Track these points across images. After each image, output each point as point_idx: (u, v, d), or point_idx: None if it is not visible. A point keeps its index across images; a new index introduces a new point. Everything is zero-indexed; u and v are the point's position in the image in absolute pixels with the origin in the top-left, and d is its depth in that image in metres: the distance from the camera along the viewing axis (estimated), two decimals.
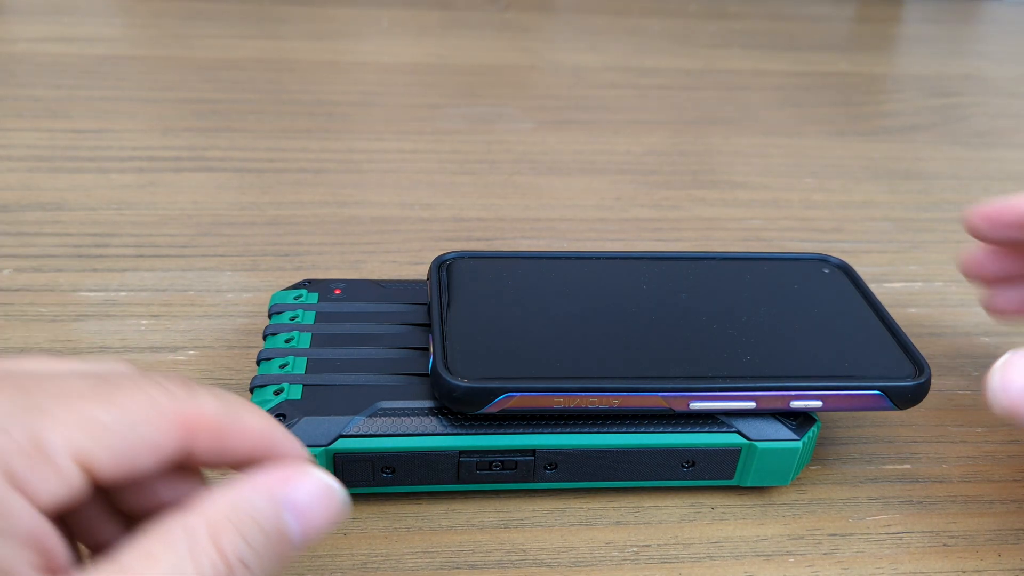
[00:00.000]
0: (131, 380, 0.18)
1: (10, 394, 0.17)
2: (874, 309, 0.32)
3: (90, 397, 0.17)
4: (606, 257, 0.34)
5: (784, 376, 0.28)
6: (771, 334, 0.30)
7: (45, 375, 0.18)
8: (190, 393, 0.19)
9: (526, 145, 0.53)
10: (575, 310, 0.30)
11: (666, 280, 0.32)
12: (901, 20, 0.86)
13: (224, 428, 0.19)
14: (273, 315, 0.32)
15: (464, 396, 0.26)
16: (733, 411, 0.28)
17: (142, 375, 0.19)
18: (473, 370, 0.27)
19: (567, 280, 0.32)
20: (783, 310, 0.31)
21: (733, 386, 0.27)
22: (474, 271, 0.32)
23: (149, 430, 0.18)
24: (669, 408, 0.27)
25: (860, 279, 0.33)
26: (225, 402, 0.19)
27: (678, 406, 0.27)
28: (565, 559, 0.28)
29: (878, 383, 0.28)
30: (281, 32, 0.68)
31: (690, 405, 0.27)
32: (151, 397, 0.18)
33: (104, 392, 0.17)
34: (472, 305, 0.30)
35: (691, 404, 0.27)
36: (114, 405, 0.17)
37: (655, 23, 0.77)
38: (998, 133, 0.61)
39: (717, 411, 0.28)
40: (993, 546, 0.29)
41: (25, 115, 0.52)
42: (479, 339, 0.28)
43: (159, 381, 0.18)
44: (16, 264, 0.39)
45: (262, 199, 0.45)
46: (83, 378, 0.18)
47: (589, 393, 0.27)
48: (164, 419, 0.18)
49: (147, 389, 0.18)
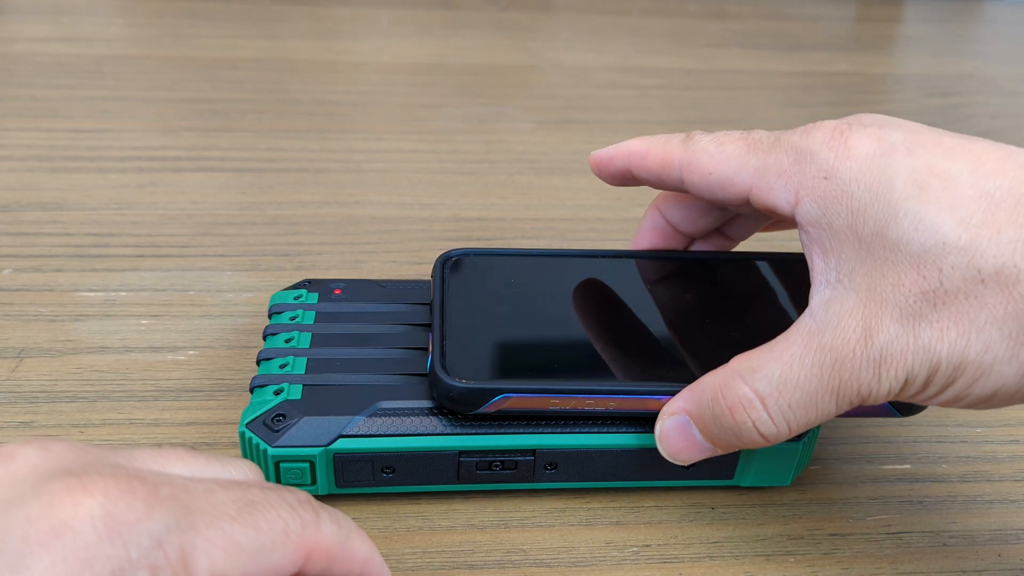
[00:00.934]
0: (268, 500, 0.19)
1: (170, 507, 0.18)
2: None
3: (235, 518, 0.18)
4: (615, 255, 0.33)
5: None
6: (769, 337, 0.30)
7: (199, 489, 0.19)
8: (315, 518, 0.20)
9: (526, 145, 0.53)
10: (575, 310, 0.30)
11: (668, 279, 0.32)
12: (901, 20, 0.86)
13: (336, 555, 0.20)
14: (273, 315, 0.32)
15: (461, 396, 0.26)
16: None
17: (275, 492, 0.20)
18: (471, 370, 0.27)
19: (573, 279, 0.32)
20: (787, 311, 0.31)
21: None
22: (479, 269, 0.32)
23: (277, 556, 0.19)
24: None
25: None
26: (341, 528, 0.20)
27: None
28: (565, 559, 0.28)
29: None
30: (281, 32, 0.68)
31: None
32: (285, 523, 0.19)
33: (247, 514, 0.18)
34: (474, 304, 0.30)
35: None
36: (253, 528, 0.18)
37: (655, 23, 0.77)
38: (998, 133, 0.61)
39: None
40: (993, 546, 0.29)
41: (25, 115, 0.52)
42: (479, 339, 0.28)
43: (291, 504, 0.19)
44: (16, 264, 0.39)
45: (262, 199, 0.45)
46: (227, 491, 0.19)
47: (585, 395, 0.27)
48: (291, 546, 0.19)
49: (282, 514, 0.19)
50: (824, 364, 0.23)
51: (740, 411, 0.24)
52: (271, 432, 0.27)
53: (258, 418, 0.27)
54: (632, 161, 0.29)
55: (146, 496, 0.17)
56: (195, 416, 0.32)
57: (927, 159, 0.23)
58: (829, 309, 0.23)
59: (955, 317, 0.22)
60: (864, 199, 0.23)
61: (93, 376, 0.33)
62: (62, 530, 0.16)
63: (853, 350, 0.22)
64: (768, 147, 0.25)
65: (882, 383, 0.22)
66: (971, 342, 0.21)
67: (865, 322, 0.22)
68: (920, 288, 0.22)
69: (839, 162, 0.24)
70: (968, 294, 0.21)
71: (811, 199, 0.24)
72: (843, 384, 0.23)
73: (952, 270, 0.21)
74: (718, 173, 0.26)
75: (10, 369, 0.33)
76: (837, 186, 0.23)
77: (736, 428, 0.24)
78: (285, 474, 0.27)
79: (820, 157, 0.24)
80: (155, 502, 0.17)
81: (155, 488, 0.18)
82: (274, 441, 0.27)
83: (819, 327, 0.23)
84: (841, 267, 0.23)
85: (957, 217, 0.22)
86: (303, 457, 0.27)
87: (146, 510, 0.17)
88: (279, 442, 0.27)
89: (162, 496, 0.18)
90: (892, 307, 0.22)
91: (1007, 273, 0.21)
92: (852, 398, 0.23)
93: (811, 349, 0.23)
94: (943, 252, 0.22)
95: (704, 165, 0.26)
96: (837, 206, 0.23)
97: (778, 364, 0.23)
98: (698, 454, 0.26)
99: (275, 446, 0.27)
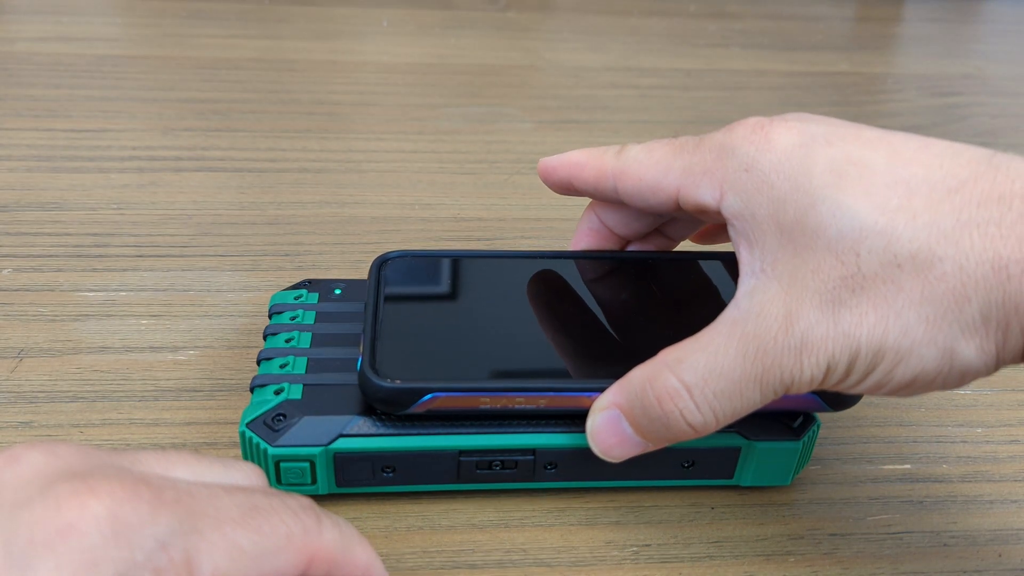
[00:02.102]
0: (271, 506, 0.19)
1: (175, 510, 0.18)
2: None
3: (238, 522, 0.18)
4: (550, 256, 0.33)
5: None
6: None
7: (203, 494, 0.19)
8: (317, 523, 0.20)
9: (526, 145, 0.53)
10: (509, 310, 0.30)
11: (609, 278, 0.32)
12: (901, 20, 0.86)
13: (337, 561, 0.20)
14: (273, 315, 0.32)
15: (389, 396, 0.26)
16: None
17: (277, 497, 0.20)
18: (400, 371, 0.27)
19: (505, 279, 0.32)
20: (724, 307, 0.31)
21: None
22: (414, 271, 0.32)
23: (279, 561, 0.19)
24: None
25: None
26: (343, 534, 0.20)
27: None
28: (565, 559, 0.28)
29: None
30: (281, 32, 0.68)
31: None
32: (288, 528, 0.19)
33: (250, 519, 0.19)
34: (407, 305, 0.30)
35: None
36: (256, 533, 0.18)
37: (655, 23, 0.77)
38: (998, 133, 0.61)
39: None
40: (993, 546, 0.29)
41: (25, 115, 0.52)
42: (410, 340, 0.28)
43: (294, 509, 0.20)
44: (16, 264, 0.39)
45: (262, 199, 0.45)
46: (231, 496, 0.19)
47: (515, 393, 0.27)
48: (294, 551, 0.19)
49: (285, 519, 0.19)
50: (747, 352, 0.23)
51: (668, 401, 0.24)
52: (271, 432, 0.27)
53: (258, 418, 0.27)
54: (572, 172, 0.29)
55: (151, 499, 0.18)
56: (195, 416, 0.32)
57: (846, 149, 0.23)
58: (752, 298, 0.23)
59: (873, 302, 0.22)
60: (784, 189, 0.23)
61: (93, 376, 0.33)
62: (68, 532, 0.16)
63: (775, 338, 0.22)
64: (693, 147, 0.26)
65: (804, 371, 0.22)
66: (889, 326, 0.21)
67: (786, 309, 0.22)
68: (839, 274, 0.22)
69: (760, 154, 0.24)
70: (885, 278, 0.21)
71: (734, 192, 0.24)
72: (766, 372, 0.23)
73: (869, 255, 0.22)
74: (648, 178, 0.26)
75: (10, 369, 0.33)
76: (758, 177, 0.23)
77: (665, 419, 0.24)
78: (285, 474, 0.27)
79: (741, 151, 0.24)
80: (160, 505, 0.18)
81: (160, 492, 0.18)
82: (274, 441, 0.27)
83: (743, 316, 0.23)
84: (765, 257, 0.23)
85: (873, 203, 0.22)
86: (303, 457, 0.27)
87: (151, 513, 0.17)
88: (279, 442, 0.27)
89: (167, 500, 0.18)
90: (812, 294, 0.22)
91: (923, 257, 0.21)
92: (776, 386, 0.23)
93: (735, 338, 0.23)
94: (860, 237, 0.22)
95: (635, 172, 0.27)
96: (759, 197, 0.23)
97: (704, 354, 0.23)
98: (630, 450, 0.26)
99: (275, 446, 0.27)
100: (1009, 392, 0.36)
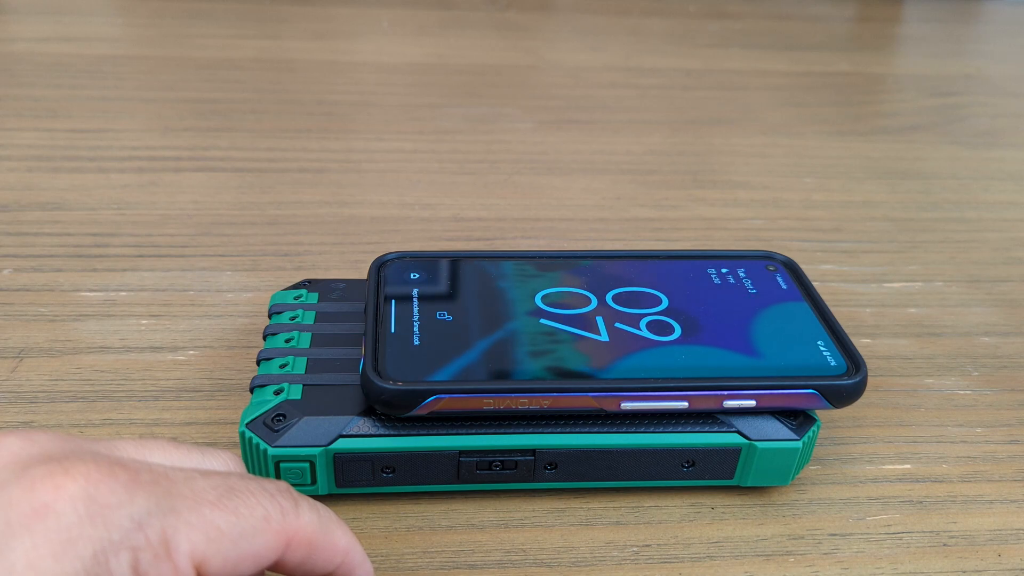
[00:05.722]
0: (248, 488, 0.19)
1: (151, 490, 0.18)
2: (816, 306, 0.31)
3: (215, 504, 0.18)
4: (550, 256, 0.33)
5: (718, 375, 0.28)
6: (709, 333, 0.30)
7: (180, 476, 0.19)
8: (295, 506, 0.20)
9: (526, 145, 0.53)
10: (511, 310, 0.30)
11: (607, 279, 0.32)
12: (901, 20, 0.86)
13: (316, 543, 0.20)
14: (273, 315, 0.32)
15: (392, 399, 0.26)
16: (666, 411, 0.28)
17: (255, 481, 0.20)
18: (403, 373, 0.27)
19: (506, 280, 0.32)
20: (723, 308, 0.31)
21: (665, 386, 0.27)
22: (413, 272, 0.32)
23: (257, 542, 0.19)
24: (600, 409, 0.27)
25: (805, 276, 0.33)
26: (321, 517, 0.20)
27: (609, 406, 0.27)
28: (565, 559, 0.28)
29: (813, 382, 0.28)
30: (281, 32, 0.68)
31: (621, 406, 0.27)
32: (265, 510, 0.19)
33: (227, 500, 0.19)
34: (407, 306, 0.30)
35: (622, 404, 0.27)
36: (234, 514, 0.19)
37: (655, 23, 0.77)
38: (998, 133, 0.61)
39: (649, 411, 0.28)
40: (993, 546, 0.29)
41: (25, 115, 0.52)
42: (411, 341, 0.28)
43: (271, 492, 0.20)
44: (16, 264, 0.39)
45: (262, 199, 0.45)
46: (208, 479, 0.19)
47: (519, 394, 0.27)
48: (272, 532, 0.19)
49: (262, 501, 0.19)
50: None
51: None
52: (271, 432, 0.27)
53: (258, 418, 0.27)
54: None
55: (127, 481, 0.18)
56: (195, 416, 0.32)
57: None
58: None
59: None
60: None
61: (93, 376, 0.33)
62: (44, 512, 0.17)
63: None
64: None
65: None
66: None
67: None
68: None
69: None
70: None
71: None
72: None
73: None
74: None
75: (10, 369, 0.33)
76: None
77: None
78: (285, 474, 0.27)
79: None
80: (136, 487, 0.18)
81: (136, 473, 0.18)
82: (274, 441, 0.27)
83: None
84: None
85: None
86: (303, 457, 0.27)
87: (127, 494, 0.17)
88: (279, 442, 0.27)
89: (143, 481, 0.18)
90: None
91: None
92: None
93: None
94: None
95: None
96: None
97: None
98: None
99: (275, 446, 0.27)
100: (1009, 392, 0.36)
